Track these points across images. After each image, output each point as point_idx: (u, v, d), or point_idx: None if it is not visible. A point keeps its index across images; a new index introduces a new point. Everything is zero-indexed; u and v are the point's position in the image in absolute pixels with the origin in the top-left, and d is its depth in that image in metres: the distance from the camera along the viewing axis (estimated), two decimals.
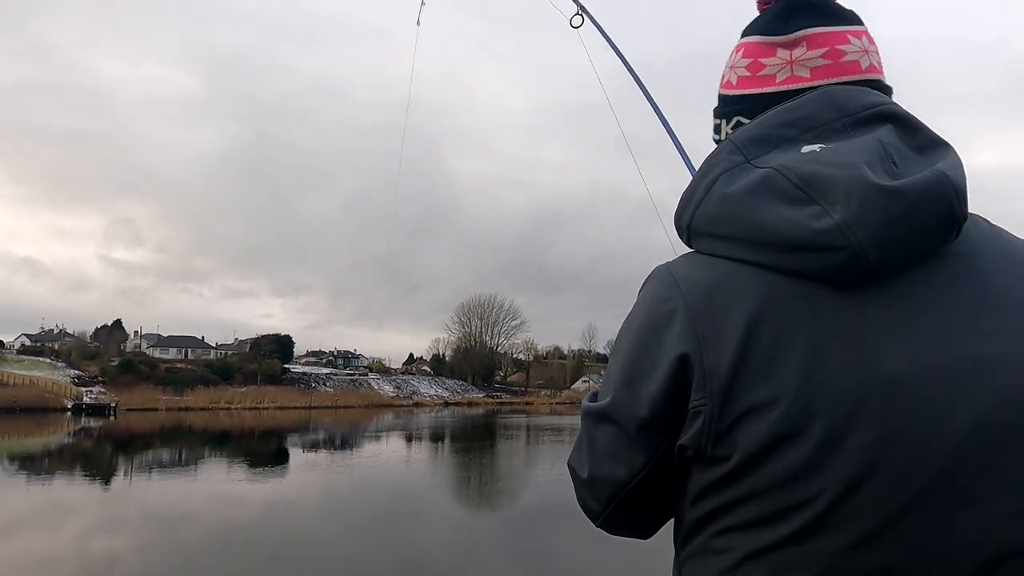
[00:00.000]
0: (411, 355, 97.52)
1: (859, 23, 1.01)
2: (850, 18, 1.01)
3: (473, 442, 36.83)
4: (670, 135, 2.32)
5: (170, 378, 60.29)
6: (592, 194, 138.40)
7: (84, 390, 55.57)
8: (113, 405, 52.88)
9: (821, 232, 0.81)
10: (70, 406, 51.93)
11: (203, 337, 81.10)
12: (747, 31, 1.06)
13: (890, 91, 1.01)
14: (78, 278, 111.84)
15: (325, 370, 77.59)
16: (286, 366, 70.73)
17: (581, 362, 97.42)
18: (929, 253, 0.84)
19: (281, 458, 28.88)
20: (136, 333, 76.48)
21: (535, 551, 12.30)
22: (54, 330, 74.11)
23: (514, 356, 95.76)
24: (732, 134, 0.97)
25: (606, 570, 10.46)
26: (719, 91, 1.09)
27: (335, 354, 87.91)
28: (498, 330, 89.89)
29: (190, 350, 76.01)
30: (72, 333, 71.84)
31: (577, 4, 2.91)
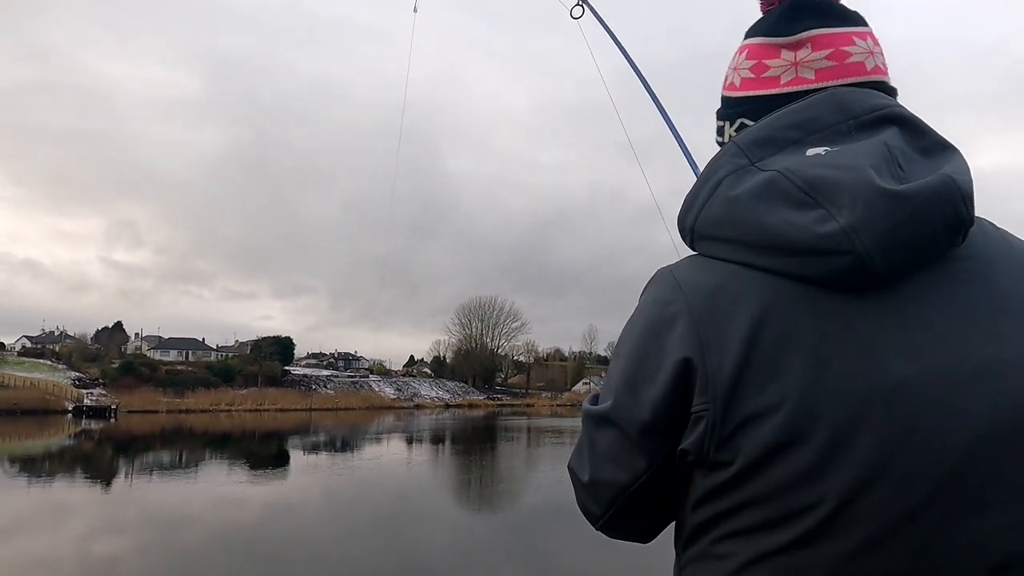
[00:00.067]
0: (412, 357, 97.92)
1: (863, 24, 1.00)
2: (854, 19, 1.00)
3: (474, 444, 36.82)
4: (673, 132, 2.30)
5: (171, 380, 60.36)
6: (593, 194, 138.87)
7: (85, 392, 55.65)
8: (114, 407, 52.89)
9: (826, 236, 0.80)
10: (71, 408, 51.99)
11: (204, 339, 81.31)
12: (750, 32, 1.05)
13: (895, 92, 1.00)
14: (79, 280, 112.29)
15: (326, 372, 77.72)
16: (287, 368, 70.88)
17: (582, 364, 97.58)
18: (935, 257, 0.83)
19: (282, 460, 28.87)
20: (137, 335, 76.70)
21: (536, 553, 12.29)
22: (55, 332, 74.27)
23: (515, 358, 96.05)
24: (736, 136, 0.96)
25: (606, 572, 10.44)
26: (722, 93, 1.08)
27: (335, 356, 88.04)
28: (499, 332, 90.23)
29: (191, 352, 76.08)
30: (73, 335, 72.09)
31: None
